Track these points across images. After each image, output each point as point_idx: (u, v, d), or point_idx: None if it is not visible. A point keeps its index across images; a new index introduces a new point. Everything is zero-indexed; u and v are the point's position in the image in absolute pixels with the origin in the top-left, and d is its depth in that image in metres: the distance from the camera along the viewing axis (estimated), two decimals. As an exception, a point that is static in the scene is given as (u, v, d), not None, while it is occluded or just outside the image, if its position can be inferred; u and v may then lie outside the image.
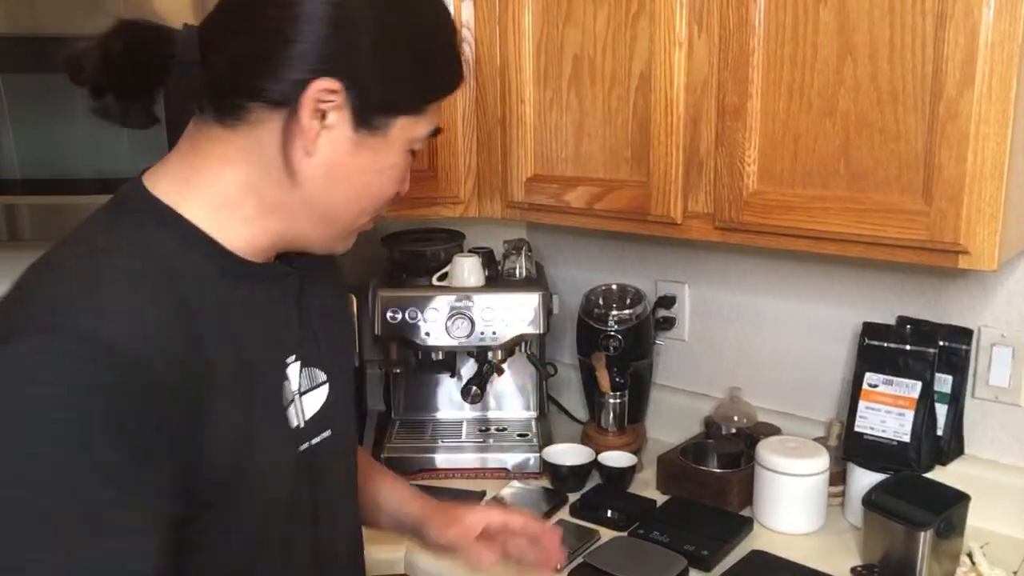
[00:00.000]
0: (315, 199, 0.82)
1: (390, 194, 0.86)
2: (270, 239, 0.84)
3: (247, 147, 0.79)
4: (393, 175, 0.85)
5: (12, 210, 1.41)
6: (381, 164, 0.83)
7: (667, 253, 1.77)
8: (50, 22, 1.36)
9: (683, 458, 1.56)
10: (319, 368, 0.92)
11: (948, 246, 1.10)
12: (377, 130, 0.80)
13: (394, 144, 0.82)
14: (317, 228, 0.85)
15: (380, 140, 0.81)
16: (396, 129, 0.82)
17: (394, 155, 0.83)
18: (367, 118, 0.79)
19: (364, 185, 0.83)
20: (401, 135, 0.82)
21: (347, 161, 0.80)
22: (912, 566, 1.23)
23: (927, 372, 1.40)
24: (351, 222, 0.86)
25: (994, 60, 1.03)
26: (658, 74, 1.32)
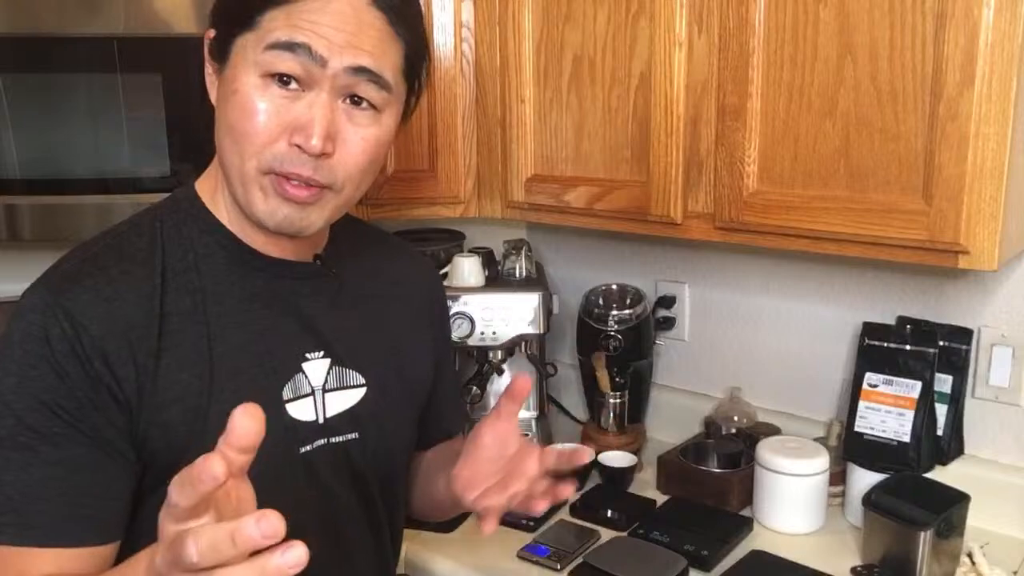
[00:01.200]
0: (217, 149, 0.85)
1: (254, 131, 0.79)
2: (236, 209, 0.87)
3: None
4: (241, 104, 0.79)
5: (12, 210, 1.41)
6: (226, 91, 0.81)
7: (667, 253, 1.77)
8: (50, 22, 1.36)
9: (683, 458, 1.56)
10: (356, 371, 0.93)
11: (948, 246, 1.10)
12: (225, 59, 0.81)
13: (237, 68, 0.80)
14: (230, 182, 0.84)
15: (228, 70, 0.81)
16: (234, 52, 0.80)
17: (237, 80, 0.79)
18: (217, 51, 0.82)
19: (221, 119, 0.82)
20: (241, 58, 0.79)
21: (217, 100, 0.83)
22: (912, 566, 1.23)
23: (927, 372, 1.40)
24: (240, 168, 0.81)
25: (994, 60, 1.03)
26: (658, 74, 1.32)
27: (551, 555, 1.33)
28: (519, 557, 1.34)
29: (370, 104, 0.82)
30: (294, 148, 0.79)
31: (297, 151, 0.79)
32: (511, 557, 1.34)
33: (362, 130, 0.82)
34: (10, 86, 1.37)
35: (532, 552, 1.34)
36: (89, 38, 1.36)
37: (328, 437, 0.91)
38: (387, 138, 0.85)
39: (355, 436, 0.93)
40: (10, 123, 1.38)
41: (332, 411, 0.91)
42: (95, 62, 1.37)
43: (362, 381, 0.94)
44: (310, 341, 0.90)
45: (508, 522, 1.44)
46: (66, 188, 1.41)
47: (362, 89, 0.81)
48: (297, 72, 0.78)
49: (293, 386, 0.88)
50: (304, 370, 0.89)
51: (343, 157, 0.81)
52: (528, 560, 1.33)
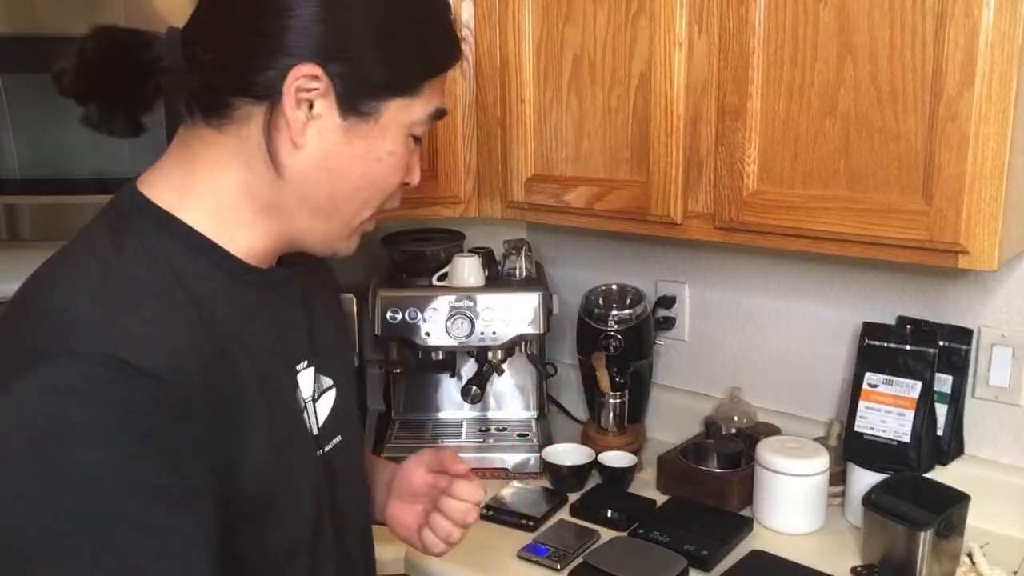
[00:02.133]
0: (310, 194, 0.78)
1: (393, 184, 0.82)
2: (272, 241, 0.81)
3: (236, 147, 0.77)
4: (393, 163, 0.80)
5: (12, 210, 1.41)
6: (377, 152, 0.78)
7: (667, 253, 1.77)
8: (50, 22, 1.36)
9: (683, 458, 1.56)
10: (326, 374, 0.90)
11: (948, 246, 1.10)
12: (368, 115, 0.77)
13: (389, 129, 0.78)
14: (317, 226, 0.81)
15: (372, 126, 0.77)
16: (389, 113, 0.77)
17: (391, 141, 0.79)
18: (355, 104, 0.76)
19: (362, 176, 0.79)
20: (396, 119, 0.78)
21: (340, 151, 0.77)
22: (912, 566, 1.23)
23: (927, 372, 1.40)
24: (352, 217, 0.82)
25: (994, 60, 1.03)
26: (658, 74, 1.32)
27: (551, 555, 1.33)
28: (519, 557, 1.34)
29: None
30: (403, 186, 0.85)
31: (403, 188, 0.85)
32: (511, 557, 1.34)
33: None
34: (10, 86, 1.37)
35: (532, 552, 1.34)
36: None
37: (322, 447, 0.88)
38: None
39: (339, 439, 0.91)
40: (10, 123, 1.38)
41: (321, 419, 0.88)
42: (95, 62, 1.37)
43: (331, 383, 0.91)
44: (298, 352, 0.87)
45: (508, 522, 1.44)
46: (66, 188, 1.41)
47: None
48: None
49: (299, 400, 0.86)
50: (298, 383, 0.86)
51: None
52: (528, 560, 1.33)
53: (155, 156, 0.86)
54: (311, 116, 0.75)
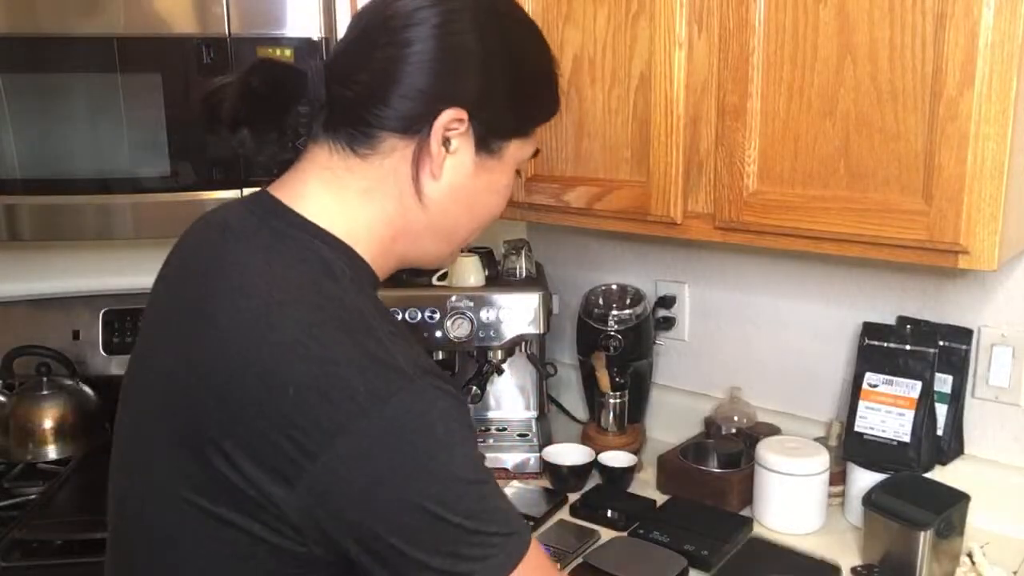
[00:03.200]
0: (440, 220, 0.88)
1: (501, 211, 0.94)
2: (396, 262, 0.90)
3: (382, 176, 0.84)
4: (505, 193, 0.92)
5: (12, 210, 1.41)
6: (497, 184, 0.90)
7: (667, 253, 1.77)
8: (50, 22, 1.36)
9: (683, 458, 1.56)
10: None
11: (948, 246, 1.10)
12: (495, 153, 0.88)
13: (508, 165, 0.90)
14: (438, 247, 0.92)
15: (496, 162, 0.88)
16: (510, 152, 0.89)
17: (507, 175, 0.91)
18: (488, 143, 0.87)
19: (483, 205, 0.91)
20: (514, 156, 0.90)
21: (468, 183, 0.87)
22: (912, 566, 1.23)
23: (927, 372, 1.40)
24: (466, 238, 0.94)
25: (994, 60, 1.03)
26: (658, 74, 1.32)
27: (551, 555, 1.33)
28: (519, 557, 1.34)
29: None
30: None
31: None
32: (511, 557, 1.34)
33: None
34: (10, 86, 1.37)
35: (532, 552, 1.34)
36: (89, 38, 1.36)
37: None
38: None
39: None
40: (10, 123, 1.38)
41: None
42: (95, 62, 1.37)
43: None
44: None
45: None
46: (66, 188, 1.41)
47: None
48: None
49: None
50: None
51: None
52: (528, 560, 1.33)
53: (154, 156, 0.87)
54: (449, 152, 0.85)
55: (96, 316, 1.75)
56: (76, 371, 1.70)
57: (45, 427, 1.59)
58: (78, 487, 1.51)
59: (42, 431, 1.58)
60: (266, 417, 0.73)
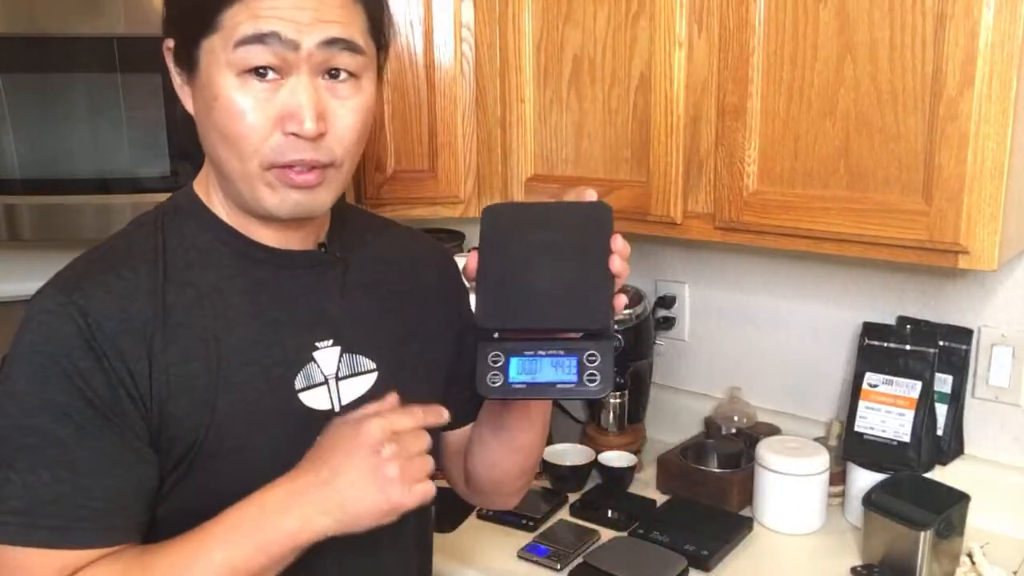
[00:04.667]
0: (208, 154, 0.86)
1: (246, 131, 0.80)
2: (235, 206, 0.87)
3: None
4: (225, 107, 0.79)
5: (12, 210, 1.41)
6: (206, 99, 0.80)
7: (667, 253, 1.77)
8: (50, 22, 1.35)
9: (683, 458, 1.56)
10: (366, 356, 0.93)
11: (948, 246, 1.10)
12: (194, 66, 0.81)
13: (209, 71, 0.79)
14: (230, 184, 0.84)
15: (199, 77, 0.81)
16: (204, 56, 0.80)
17: (214, 84, 0.79)
18: (183, 60, 0.82)
19: (211, 124, 0.81)
20: (211, 60, 0.79)
21: (196, 107, 0.84)
22: (912, 566, 1.23)
23: (927, 372, 1.40)
24: (240, 169, 0.82)
25: (994, 60, 1.03)
26: (658, 74, 1.32)
27: (551, 555, 1.33)
28: (519, 557, 1.34)
29: (348, 73, 0.82)
30: (290, 137, 0.80)
31: (293, 139, 0.80)
32: (511, 557, 1.34)
33: (348, 101, 0.83)
34: (10, 86, 1.37)
35: (532, 552, 1.34)
36: (89, 38, 1.36)
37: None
38: (371, 102, 0.86)
39: None
40: (10, 123, 1.38)
41: (347, 399, 0.91)
42: (95, 62, 1.37)
43: (372, 366, 0.94)
44: (319, 330, 0.91)
45: (508, 522, 1.44)
46: (66, 188, 1.41)
47: (338, 60, 0.81)
48: (272, 62, 0.78)
49: (305, 375, 0.89)
50: (316, 359, 0.90)
51: (337, 132, 0.82)
52: (528, 560, 1.33)
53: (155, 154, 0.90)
54: (179, 85, 0.85)
55: (96, 316, 1.75)
56: (76, 371, 1.70)
57: (45, 427, 1.58)
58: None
59: (42, 431, 1.58)
60: None
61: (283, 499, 0.78)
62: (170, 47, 0.83)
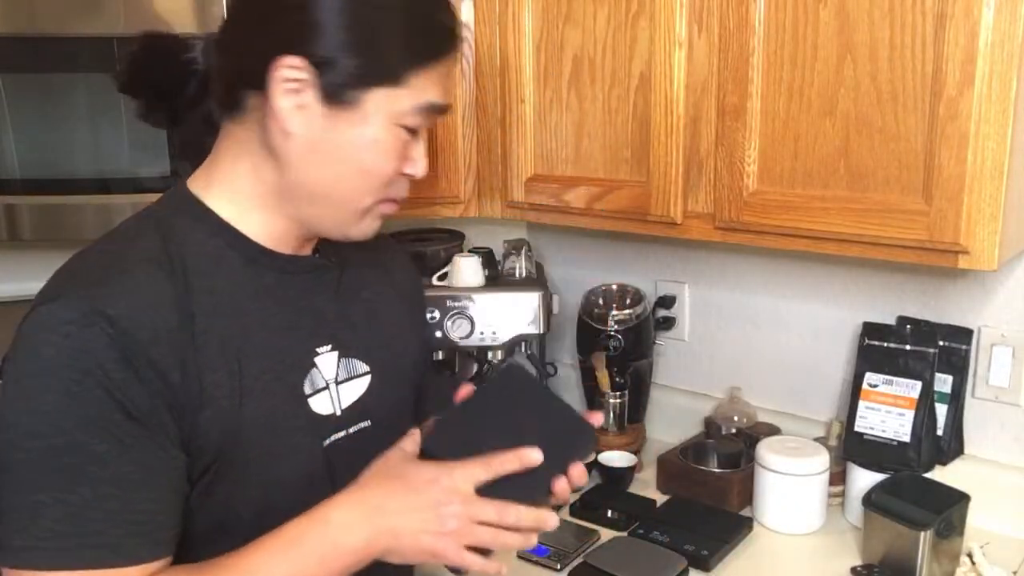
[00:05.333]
0: (306, 180, 0.84)
1: (386, 172, 0.84)
2: (286, 224, 0.87)
3: (247, 136, 0.84)
4: (380, 151, 0.83)
5: (12, 210, 1.41)
6: (362, 139, 0.82)
7: (667, 253, 1.77)
8: (50, 22, 1.35)
9: (683, 458, 1.56)
10: (360, 359, 0.95)
11: (948, 246, 1.10)
12: (349, 104, 0.80)
13: (370, 118, 0.81)
14: (321, 211, 0.86)
15: (355, 114, 0.81)
16: (371, 103, 0.81)
17: (375, 130, 0.81)
18: (336, 92, 0.80)
19: (350, 162, 0.83)
20: (379, 108, 0.81)
21: (325, 138, 0.81)
22: (912, 566, 1.23)
23: (927, 372, 1.40)
24: (352, 202, 0.85)
25: (994, 60, 1.03)
26: (658, 74, 1.32)
27: (551, 555, 1.33)
28: (519, 557, 1.34)
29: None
30: (405, 176, 0.88)
31: (407, 179, 0.89)
32: (511, 557, 1.34)
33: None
34: (10, 86, 1.37)
35: (532, 552, 1.34)
36: (88, 38, 1.36)
37: (346, 428, 0.93)
38: None
39: (368, 424, 0.95)
40: (10, 123, 1.38)
41: (346, 402, 0.93)
42: (95, 62, 1.37)
43: (366, 369, 0.96)
44: (319, 335, 0.92)
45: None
46: (66, 188, 1.41)
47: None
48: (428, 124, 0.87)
49: (311, 381, 0.90)
50: (317, 364, 0.91)
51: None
52: (528, 560, 1.33)
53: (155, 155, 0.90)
54: (298, 105, 0.80)
55: (96, 316, 1.75)
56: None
57: (45, 427, 1.58)
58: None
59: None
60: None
61: (352, 518, 0.80)
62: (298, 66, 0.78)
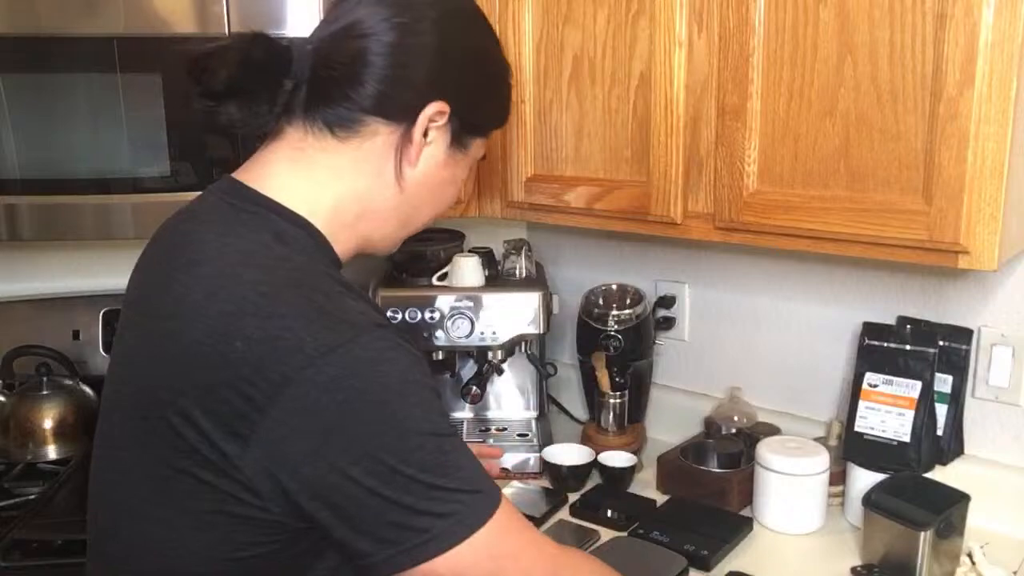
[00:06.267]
0: (408, 204, 0.93)
1: (451, 202, 1.00)
2: (356, 243, 0.93)
3: (359, 158, 0.88)
4: (460, 186, 1.00)
5: (12, 210, 1.41)
6: (458, 176, 0.97)
7: (667, 253, 1.77)
8: (50, 22, 1.36)
9: (683, 458, 1.56)
10: None
11: (948, 246, 1.10)
12: (464, 148, 0.95)
13: (470, 160, 0.98)
14: (397, 231, 0.97)
15: (462, 156, 0.96)
16: (474, 148, 0.97)
17: (466, 170, 0.98)
18: (461, 138, 0.94)
19: (443, 193, 0.97)
20: (475, 153, 0.98)
21: (438, 173, 0.93)
22: (912, 566, 1.23)
23: (927, 372, 1.40)
24: (422, 224, 0.99)
25: (994, 60, 1.03)
26: (658, 74, 1.32)
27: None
28: (519, 557, 1.34)
29: None
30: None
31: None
32: (511, 557, 1.34)
33: None
34: (10, 86, 1.37)
35: (532, 552, 1.34)
36: (89, 38, 1.36)
37: None
38: None
39: None
40: (10, 123, 1.38)
41: None
42: (95, 62, 1.37)
43: None
44: None
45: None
46: (66, 188, 1.41)
47: None
48: None
49: None
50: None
51: None
52: (528, 560, 1.33)
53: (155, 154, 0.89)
54: (427, 142, 0.90)
55: (96, 316, 1.75)
56: (76, 371, 1.70)
57: (45, 427, 1.58)
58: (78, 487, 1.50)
59: (42, 431, 1.58)
60: (216, 373, 0.74)
61: None
62: (445, 111, 0.89)
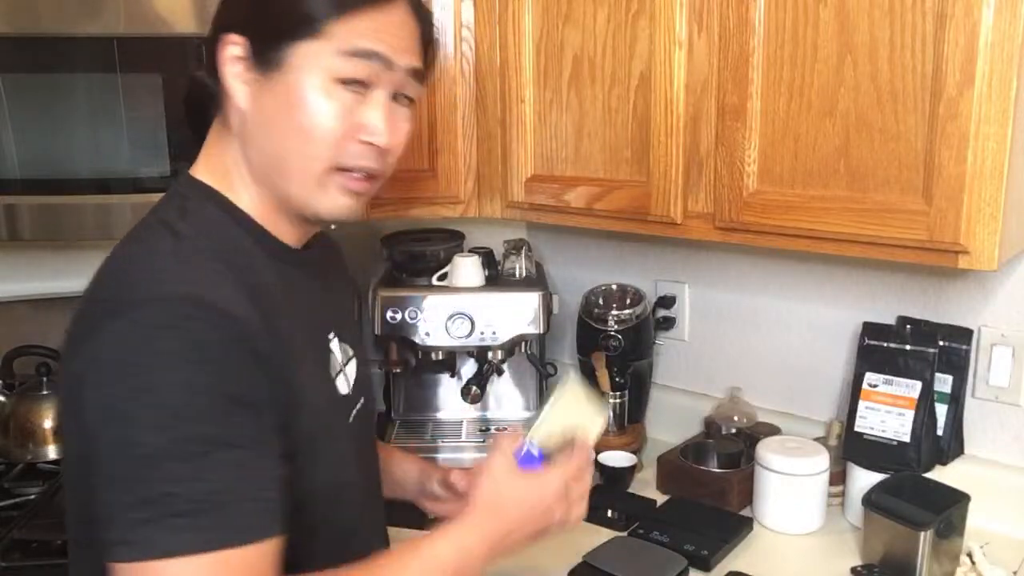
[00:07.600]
0: (263, 151, 0.86)
1: (327, 133, 0.84)
2: (271, 204, 0.88)
3: (225, 125, 0.88)
4: (314, 109, 0.83)
5: (12, 210, 1.41)
6: (296, 98, 0.83)
7: (667, 253, 1.77)
8: (50, 22, 1.35)
9: (683, 458, 1.56)
10: (347, 343, 1.01)
11: (948, 246, 1.10)
12: (276, 65, 0.82)
13: (299, 74, 0.82)
14: (285, 185, 0.86)
15: (285, 74, 0.82)
16: (296, 58, 0.82)
17: (306, 87, 0.82)
18: (262, 58, 0.83)
19: (290, 123, 0.84)
20: (305, 63, 0.82)
21: (265, 104, 0.84)
22: (912, 566, 1.23)
23: (927, 372, 1.40)
24: (304, 168, 0.85)
25: (994, 60, 1.03)
26: (658, 74, 1.32)
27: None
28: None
29: (409, 99, 0.91)
30: (364, 144, 0.86)
31: (366, 147, 0.86)
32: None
33: (403, 124, 0.90)
34: (10, 86, 1.37)
35: (532, 552, 1.34)
36: (89, 38, 1.36)
37: (354, 406, 0.99)
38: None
39: (363, 400, 1.02)
40: (10, 123, 1.38)
41: (351, 383, 1.00)
42: (95, 62, 1.37)
43: (352, 352, 1.02)
44: (326, 323, 0.98)
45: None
46: (66, 188, 1.41)
47: (409, 87, 0.89)
48: (366, 77, 0.84)
49: (332, 365, 0.96)
50: (332, 349, 0.97)
51: (393, 148, 0.89)
52: (528, 560, 1.33)
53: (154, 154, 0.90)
54: (243, 80, 0.84)
55: (96, 316, 1.75)
56: (76, 371, 1.70)
57: (45, 427, 1.58)
58: (78, 487, 1.51)
59: (42, 431, 1.58)
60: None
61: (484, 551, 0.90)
62: (236, 42, 0.83)
